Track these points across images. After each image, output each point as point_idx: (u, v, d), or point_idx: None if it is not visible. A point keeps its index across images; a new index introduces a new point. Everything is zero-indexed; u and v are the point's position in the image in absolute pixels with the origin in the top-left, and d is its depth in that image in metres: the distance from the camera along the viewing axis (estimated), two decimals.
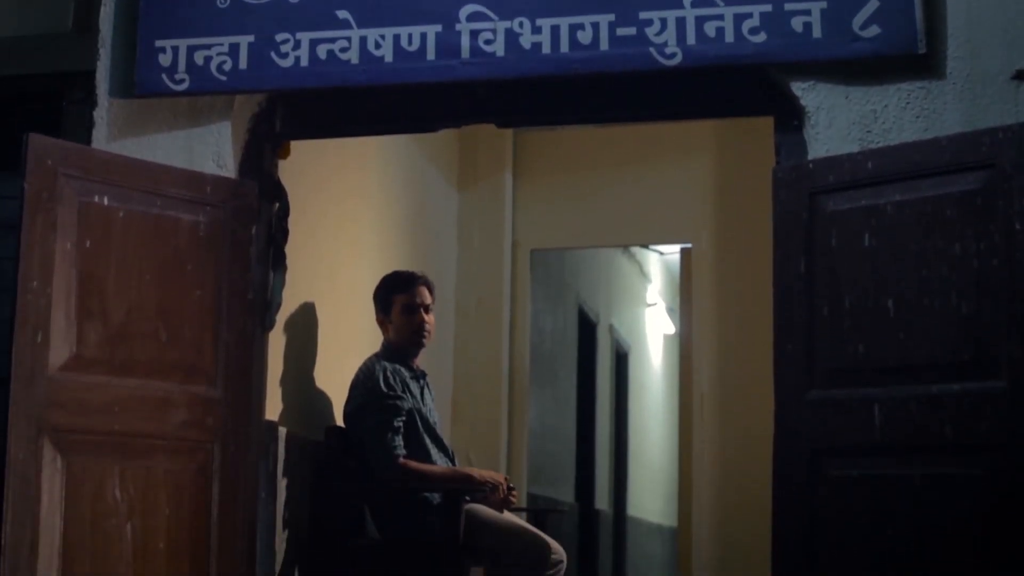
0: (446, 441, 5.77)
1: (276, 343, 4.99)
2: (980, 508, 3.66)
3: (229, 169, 4.58)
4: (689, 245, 8.10)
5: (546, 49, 4.36)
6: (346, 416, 5.54)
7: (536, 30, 4.37)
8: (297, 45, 4.52)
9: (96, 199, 3.99)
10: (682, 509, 8.61)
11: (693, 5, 4.24)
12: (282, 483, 5.13)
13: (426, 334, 5.71)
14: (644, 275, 12.97)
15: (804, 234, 4.10)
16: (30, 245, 3.82)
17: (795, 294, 4.10)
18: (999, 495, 3.63)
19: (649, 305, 13.45)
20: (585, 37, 4.33)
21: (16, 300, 3.78)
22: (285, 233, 4.61)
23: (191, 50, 4.55)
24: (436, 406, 5.89)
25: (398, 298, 5.67)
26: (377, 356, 5.62)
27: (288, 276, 4.54)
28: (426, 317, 5.69)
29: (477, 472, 5.58)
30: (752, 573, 4.50)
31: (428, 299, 5.72)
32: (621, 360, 12.11)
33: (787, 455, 4.08)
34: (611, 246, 10.62)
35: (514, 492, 5.51)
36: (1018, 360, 3.62)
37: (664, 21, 4.27)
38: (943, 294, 3.79)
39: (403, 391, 5.48)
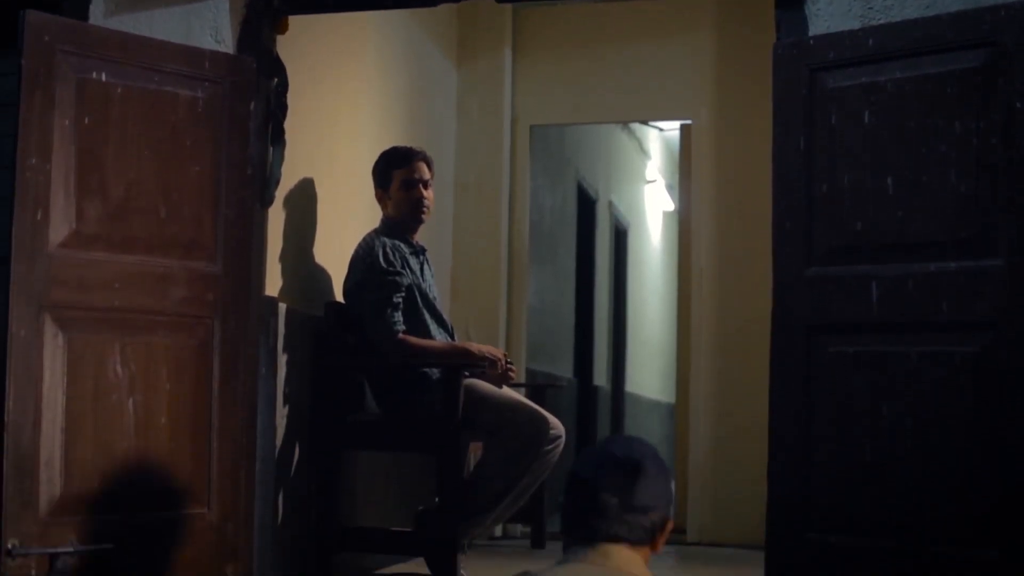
0: (445, 317, 5.79)
1: (275, 219, 4.99)
2: (976, 385, 3.69)
3: (227, 45, 4.55)
4: (689, 122, 8.06)
5: None
6: (345, 292, 5.55)
7: None
8: None
9: (94, 75, 3.97)
10: (680, 385, 8.66)
11: None
12: (282, 359, 5.16)
13: (425, 209, 5.70)
14: (644, 152, 12.94)
15: (804, 111, 4.09)
16: (28, 122, 3.81)
17: (794, 171, 4.10)
18: (995, 372, 3.66)
19: (648, 182, 13.43)
20: None
21: (15, 178, 3.77)
22: (284, 108, 4.59)
23: None
24: (435, 282, 5.91)
25: (397, 173, 5.66)
26: (376, 232, 5.63)
27: (287, 152, 4.53)
28: (425, 192, 5.69)
29: (476, 347, 5.61)
30: (749, 448, 4.55)
31: (427, 174, 5.71)
32: (620, 237, 12.12)
33: (785, 332, 4.10)
34: (611, 122, 10.58)
35: (512, 367, 5.54)
36: (1015, 239, 3.63)
37: None
38: (942, 172, 3.78)
39: (402, 267, 5.49)
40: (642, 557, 2.89)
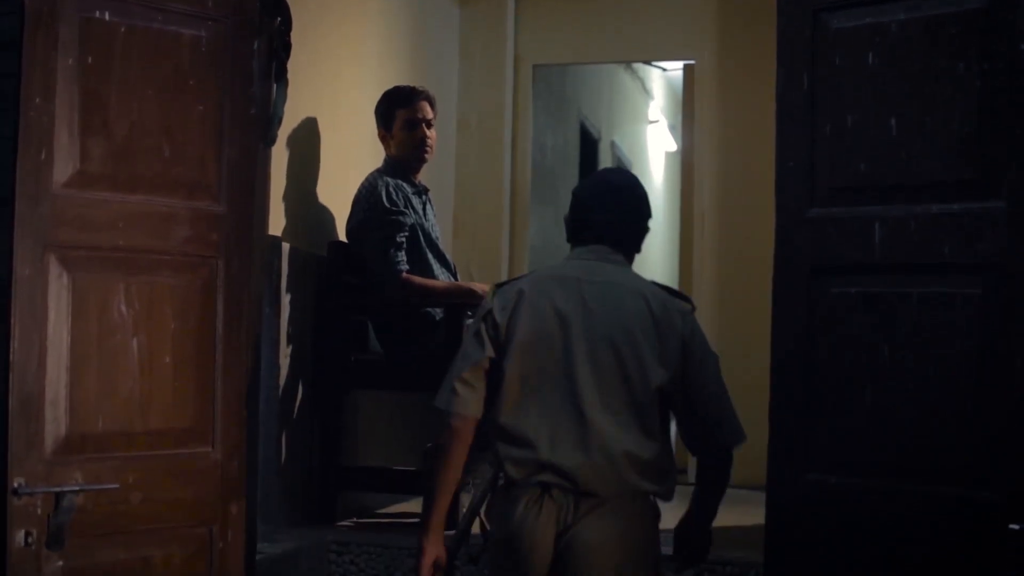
0: (448, 256, 5.81)
1: (279, 158, 4.99)
2: (978, 326, 3.70)
3: None
4: (692, 62, 8.03)
5: None
6: (348, 231, 5.57)
7: None
8: None
9: (97, 14, 3.94)
10: None
11: None
12: (286, 298, 5.18)
13: (428, 149, 5.72)
14: (646, 92, 12.91)
15: (807, 52, 4.08)
16: (31, 62, 3.79)
17: (797, 112, 4.09)
18: (997, 314, 3.67)
19: (651, 122, 13.40)
20: None
21: (19, 118, 3.76)
22: (287, 47, 4.58)
23: None
24: (437, 221, 5.92)
25: (400, 113, 5.67)
26: (379, 171, 5.64)
27: (290, 91, 4.52)
28: (428, 132, 5.69)
29: (479, 286, 5.63)
30: (750, 389, 4.56)
31: (430, 114, 5.71)
32: None
33: (787, 272, 4.10)
34: (613, 62, 10.56)
35: None
36: (1018, 180, 3.62)
37: None
38: (946, 114, 3.78)
39: (405, 206, 5.50)
40: (625, 257, 3.92)
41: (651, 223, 4.00)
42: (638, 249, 3.98)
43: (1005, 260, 3.64)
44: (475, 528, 3.91)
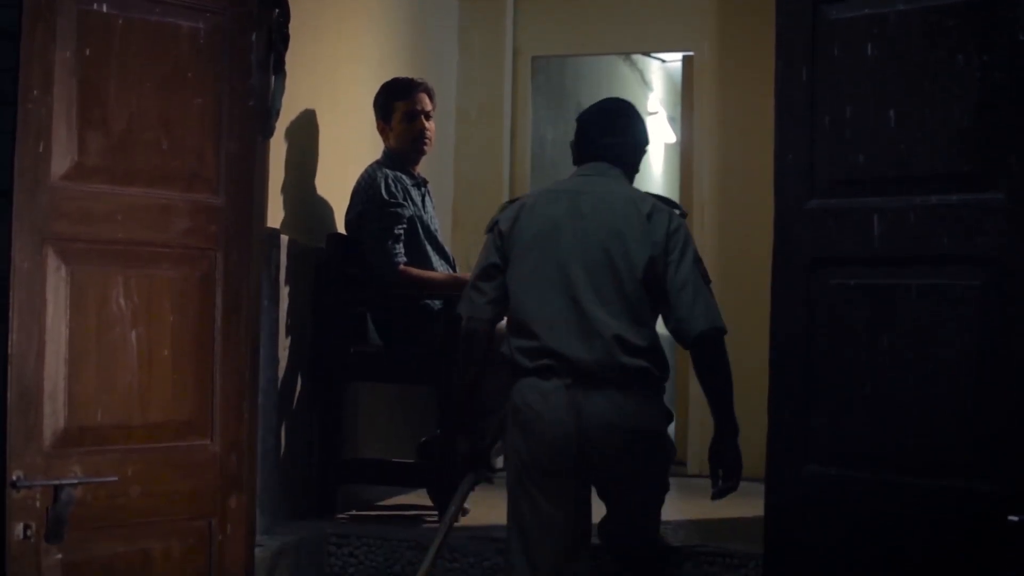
0: (447, 248, 5.81)
1: (277, 151, 4.99)
2: (976, 319, 3.70)
3: None
4: (691, 53, 8.03)
5: None
6: (347, 223, 5.56)
7: None
8: None
9: (95, 6, 3.93)
10: None
11: None
12: (284, 290, 5.18)
13: (427, 141, 5.71)
14: (645, 83, 12.88)
15: (807, 43, 4.07)
16: (29, 55, 3.78)
17: (796, 104, 4.09)
18: (996, 306, 3.66)
19: (650, 114, 13.36)
20: None
21: (17, 110, 3.76)
22: (285, 39, 4.57)
23: None
24: (437, 213, 5.92)
25: (399, 105, 5.66)
26: (378, 163, 5.63)
27: (288, 83, 4.52)
28: (427, 124, 5.69)
29: None
30: (749, 380, 4.56)
31: (429, 106, 5.71)
32: None
33: (786, 264, 4.10)
34: (612, 54, 10.53)
35: None
36: (1018, 172, 3.62)
37: None
38: (945, 106, 3.77)
39: (404, 198, 5.50)
40: (623, 174, 4.38)
41: (648, 147, 4.54)
42: (636, 167, 4.46)
43: (1004, 252, 3.64)
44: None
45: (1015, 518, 3.48)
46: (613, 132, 4.41)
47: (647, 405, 4.20)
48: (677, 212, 4.31)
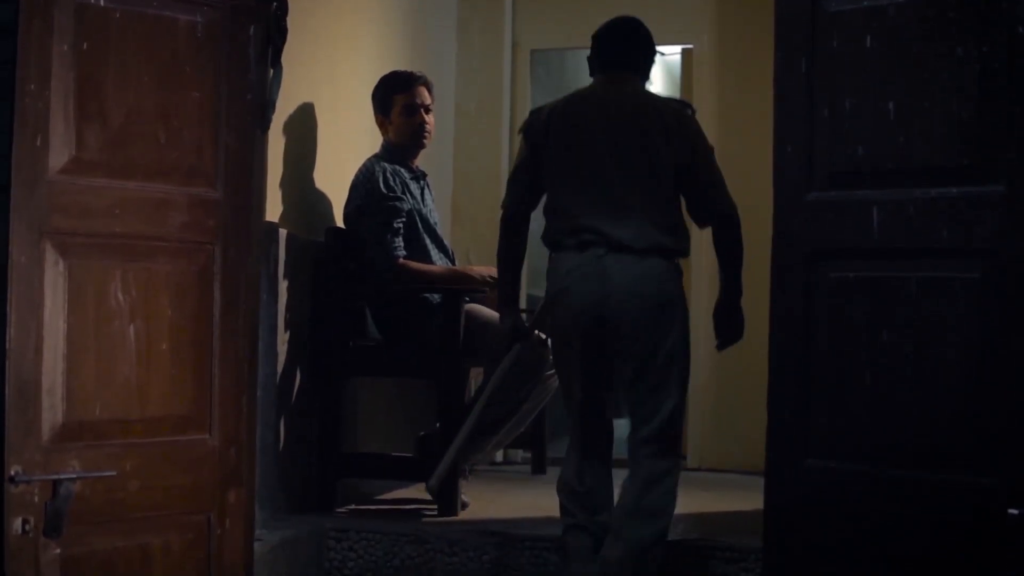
0: (446, 242, 5.80)
1: (275, 144, 4.98)
2: (976, 311, 3.70)
3: None
4: (690, 46, 8.00)
5: None
6: (346, 217, 5.56)
7: None
8: None
9: (92, 0, 3.94)
10: None
11: None
12: (283, 284, 5.17)
13: (426, 134, 5.70)
14: None
15: (805, 35, 4.08)
16: (27, 49, 3.77)
17: (795, 96, 4.09)
18: (995, 298, 3.66)
19: None
20: None
21: (14, 105, 3.75)
22: (283, 32, 4.56)
23: None
24: (436, 207, 5.91)
25: (397, 98, 5.65)
26: (377, 157, 5.63)
27: (287, 77, 4.51)
28: (426, 117, 5.68)
29: (476, 271, 5.63)
30: (749, 374, 4.55)
31: (428, 99, 5.70)
32: None
33: (785, 257, 4.10)
34: None
35: None
36: (1017, 164, 3.62)
37: None
38: (944, 97, 3.77)
39: (403, 192, 5.49)
40: (640, 79, 4.85)
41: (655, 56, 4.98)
42: (647, 74, 4.95)
43: (1003, 244, 3.64)
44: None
45: (1015, 511, 3.48)
46: (626, 42, 4.87)
47: (668, 275, 4.48)
48: (690, 112, 4.73)
